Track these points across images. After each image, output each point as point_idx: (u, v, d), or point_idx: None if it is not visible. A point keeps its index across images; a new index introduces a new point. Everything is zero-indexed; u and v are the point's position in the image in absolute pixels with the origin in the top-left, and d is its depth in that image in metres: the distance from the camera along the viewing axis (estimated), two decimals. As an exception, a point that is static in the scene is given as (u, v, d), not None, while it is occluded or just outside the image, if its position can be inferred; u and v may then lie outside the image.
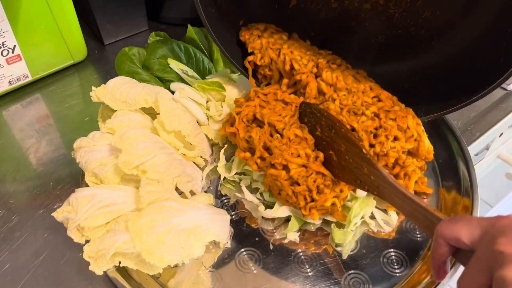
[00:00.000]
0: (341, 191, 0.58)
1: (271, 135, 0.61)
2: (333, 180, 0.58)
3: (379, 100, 0.63)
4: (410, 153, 0.61)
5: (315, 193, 0.57)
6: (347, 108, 0.61)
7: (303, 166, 0.57)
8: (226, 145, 0.68)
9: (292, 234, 0.60)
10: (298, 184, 0.57)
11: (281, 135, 0.60)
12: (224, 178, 0.66)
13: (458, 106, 0.61)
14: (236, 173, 0.66)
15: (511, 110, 0.82)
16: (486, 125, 0.79)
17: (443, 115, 0.64)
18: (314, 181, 0.57)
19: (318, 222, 0.62)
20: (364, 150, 0.53)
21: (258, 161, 0.60)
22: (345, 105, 0.62)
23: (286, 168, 0.57)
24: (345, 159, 0.55)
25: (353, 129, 0.59)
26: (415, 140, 0.60)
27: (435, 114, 0.64)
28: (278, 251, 0.60)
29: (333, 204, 0.58)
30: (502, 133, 0.92)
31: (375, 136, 0.60)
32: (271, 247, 0.60)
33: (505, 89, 0.86)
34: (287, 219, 0.61)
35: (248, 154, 0.62)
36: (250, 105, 0.64)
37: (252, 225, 0.62)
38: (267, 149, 0.60)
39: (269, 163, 0.59)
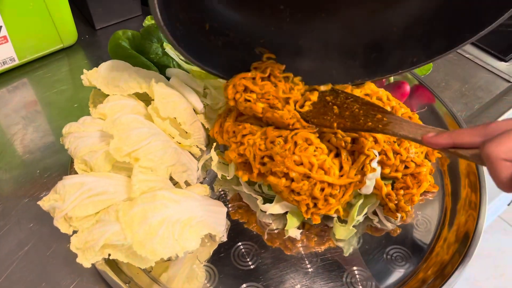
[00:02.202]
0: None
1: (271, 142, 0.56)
2: (341, 187, 0.54)
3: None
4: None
5: (321, 203, 0.54)
6: None
7: (306, 176, 0.53)
8: (215, 143, 0.62)
9: (293, 231, 0.57)
10: (299, 194, 0.54)
11: (285, 140, 0.55)
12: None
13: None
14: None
15: (516, 103, 0.81)
16: (489, 118, 0.78)
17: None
18: (322, 190, 0.53)
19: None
20: (381, 108, 0.53)
21: (260, 168, 0.56)
22: None
23: (287, 175, 0.54)
24: (352, 111, 0.54)
25: (376, 140, 0.57)
26: None
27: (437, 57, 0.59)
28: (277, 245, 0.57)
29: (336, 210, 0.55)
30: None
31: (399, 144, 0.58)
32: (266, 236, 0.58)
33: (510, 82, 0.84)
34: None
35: (246, 177, 0.57)
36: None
37: (252, 228, 0.59)
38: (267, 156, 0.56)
39: (269, 169, 0.55)
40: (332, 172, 0.53)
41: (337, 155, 0.56)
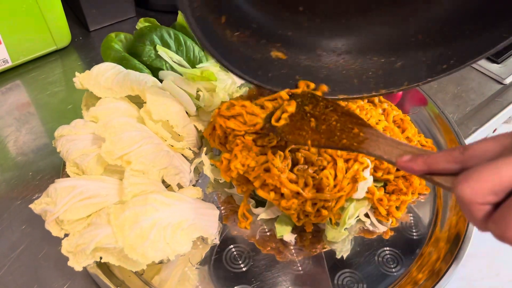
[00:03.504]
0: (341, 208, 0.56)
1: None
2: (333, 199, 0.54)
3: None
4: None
5: (313, 215, 0.54)
6: None
7: (297, 193, 0.53)
8: (206, 148, 0.63)
9: (288, 235, 0.57)
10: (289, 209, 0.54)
11: (285, 156, 0.54)
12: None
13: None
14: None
15: (508, 104, 0.81)
16: (482, 120, 0.78)
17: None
18: (314, 204, 0.53)
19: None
20: (360, 119, 0.49)
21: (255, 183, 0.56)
22: None
23: (277, 188, 0.54)
24: (329, 125, 0.50)
25: None
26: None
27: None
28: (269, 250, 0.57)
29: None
30: (495, 129, 0.91)
31: None
32: (257, 236, 0.58)
33: (502, 83, 0.84)
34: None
35: (247, 190, 0.58)
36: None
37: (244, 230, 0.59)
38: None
39: (263, 180, 0.54)
40: (326, 188, 0.53)
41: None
